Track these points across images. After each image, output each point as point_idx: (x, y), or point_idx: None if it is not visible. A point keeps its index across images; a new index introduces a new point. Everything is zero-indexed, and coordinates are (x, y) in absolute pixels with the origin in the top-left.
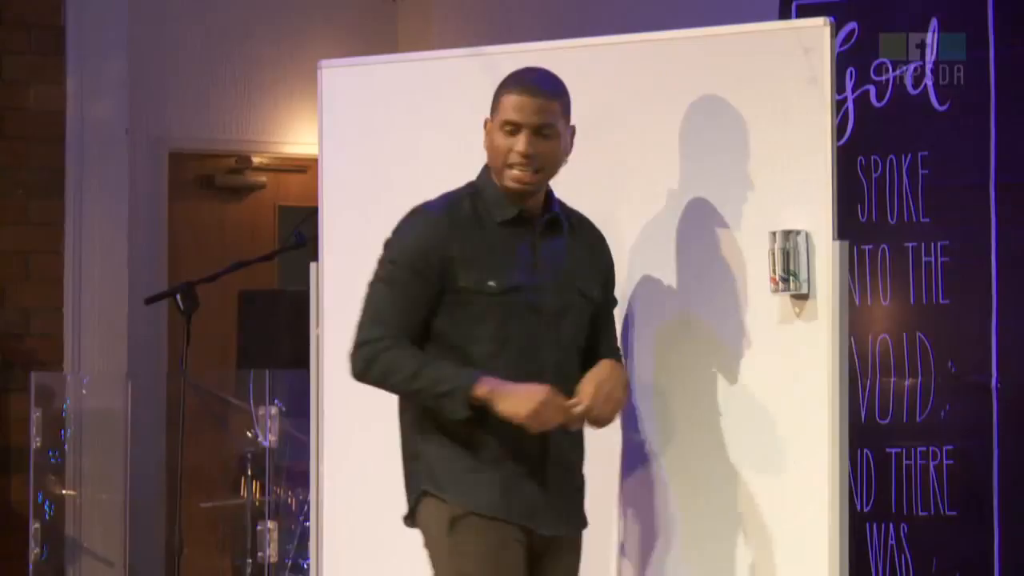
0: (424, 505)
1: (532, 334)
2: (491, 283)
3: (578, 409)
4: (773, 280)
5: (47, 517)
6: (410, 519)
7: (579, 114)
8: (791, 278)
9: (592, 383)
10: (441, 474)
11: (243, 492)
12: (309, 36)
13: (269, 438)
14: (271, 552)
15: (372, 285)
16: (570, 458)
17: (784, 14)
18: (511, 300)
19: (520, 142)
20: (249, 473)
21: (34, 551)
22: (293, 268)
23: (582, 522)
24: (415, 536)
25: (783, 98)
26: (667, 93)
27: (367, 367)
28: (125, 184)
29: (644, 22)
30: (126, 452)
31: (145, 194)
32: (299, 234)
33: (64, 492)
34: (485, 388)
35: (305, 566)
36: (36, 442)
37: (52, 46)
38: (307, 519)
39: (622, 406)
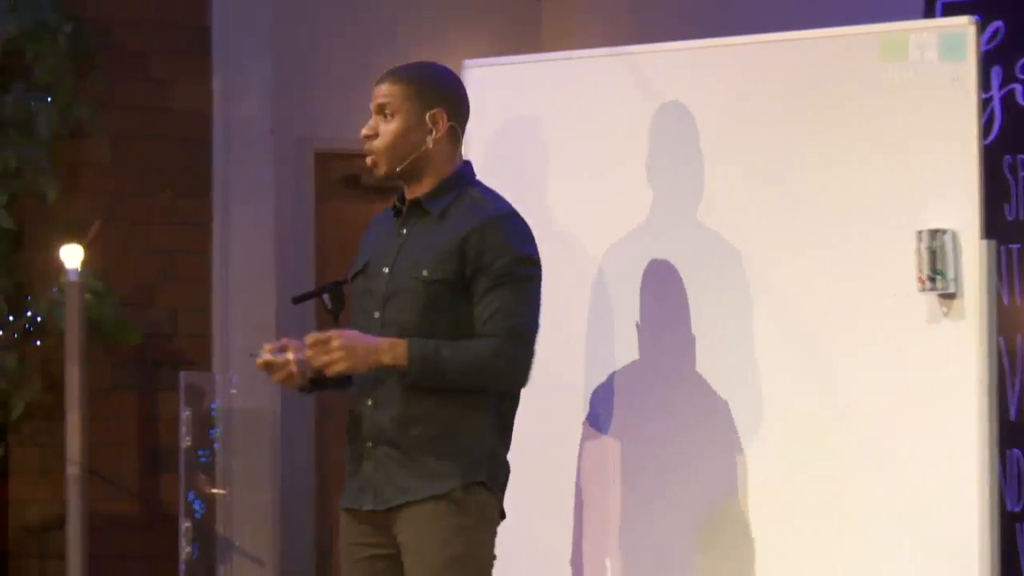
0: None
1: (364, 318)
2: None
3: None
4: (920, 280)
5: (197, 516)
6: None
7: (718, 113)
8: (938, 277)
9: (332, 334)
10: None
11: None
12: (453, 36)
13: None
14: None
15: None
16: None
17: (929, 13)
18: (356, 287)
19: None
20: None
21: (185, 550)
22: None
23: None
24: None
25: (928, 97)
26: (807, 92)
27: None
28: (271, 184)
29: (786, 20)
30: (276, 451)
31: (291, 194)
32: None
33: (214, 491)
34: None
35: None
36: (186, 441)
37: (197, 46)
38: None
39: (336, 366)
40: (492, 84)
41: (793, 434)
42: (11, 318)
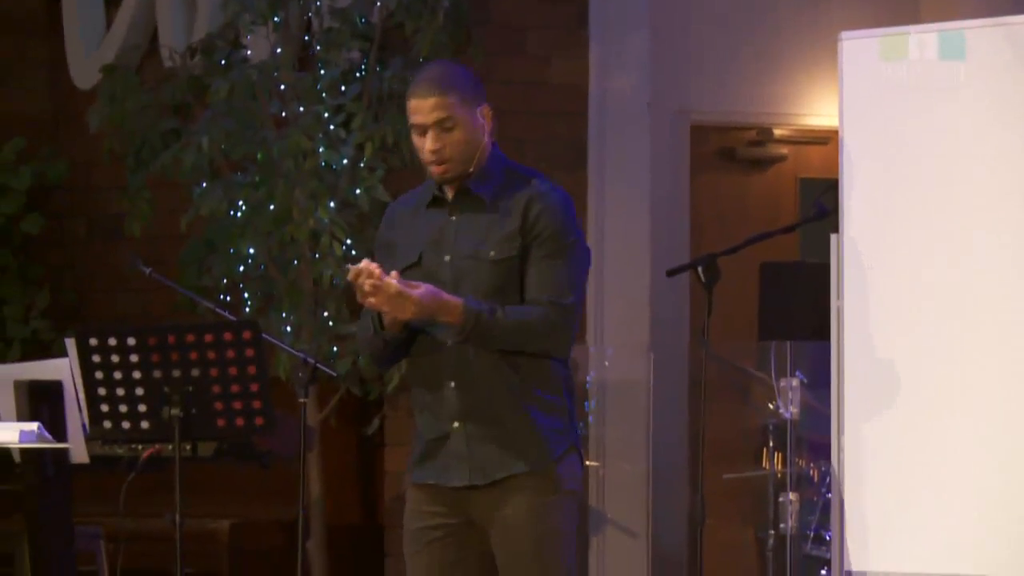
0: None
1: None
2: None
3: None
4: None
5: None
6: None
7: None
8: None
9: (418, 289)
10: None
11: (765, 464)
12: (831, 5)
13: (791, 409)
14: (792, 524)
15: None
16: None
17: None
18: (411, 278)
19: (427, 141)
20: (771, 444)
21: None
22: (815, 240)
23: None
24: (936, 510)
25: None
26: None
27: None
28: (647, 157)
29: None
30: (648, 423)
31: (666, 167)
32: (820, 205)
33: (588, 463)
34: None
35: (828, 537)
36: None
37: (575, 20)
38: (829, 491)
39: (400, 315)
40: (869, 56)
41: None
42: None
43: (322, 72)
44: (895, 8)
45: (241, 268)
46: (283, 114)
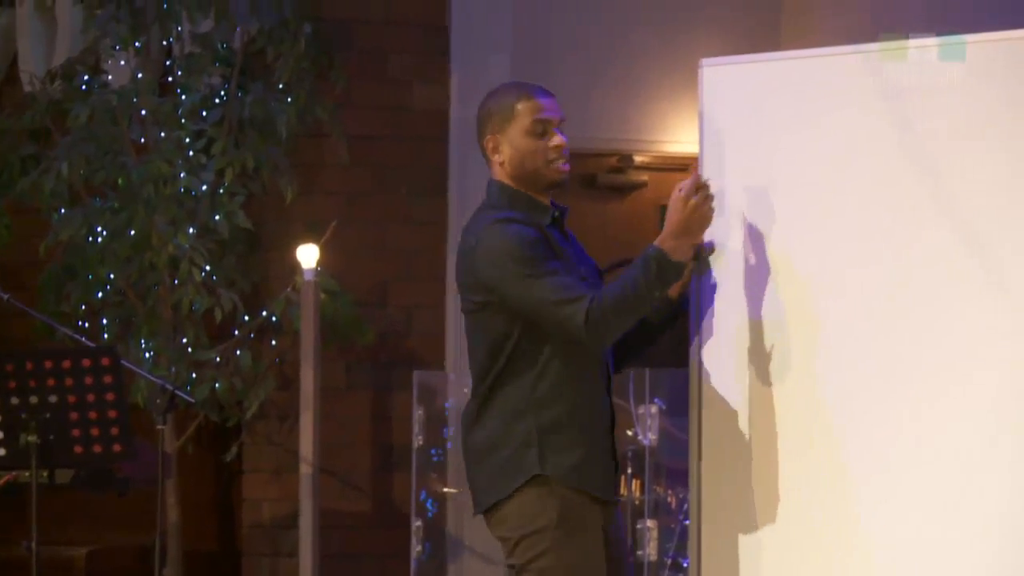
0: (527, 492)
1: None
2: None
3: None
4: None
5: (429, 515)
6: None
7: (964, 111)
8: None
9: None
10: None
11: (623, 490)
12: (691, 33)
13: (649, 436)
14: (650, 550)
15: (529, 283)
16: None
17: None
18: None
19: (557, 137)
20: (629, 471)
21: (416, 548)
22: None
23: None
24: (798, 535)
25: None
26: None
27: (601, 318)
28: None
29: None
30: None
31: None
32: None
33: (446, 490)
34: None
35: (685, 565)
36: (418, 440)
37: (437, 45)
38: (687, 518)
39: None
40: (729, 83)
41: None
42: (246, 318)
43: (183, 97)
44: (756, 36)
45: (100, 294)
46: (143, 140)
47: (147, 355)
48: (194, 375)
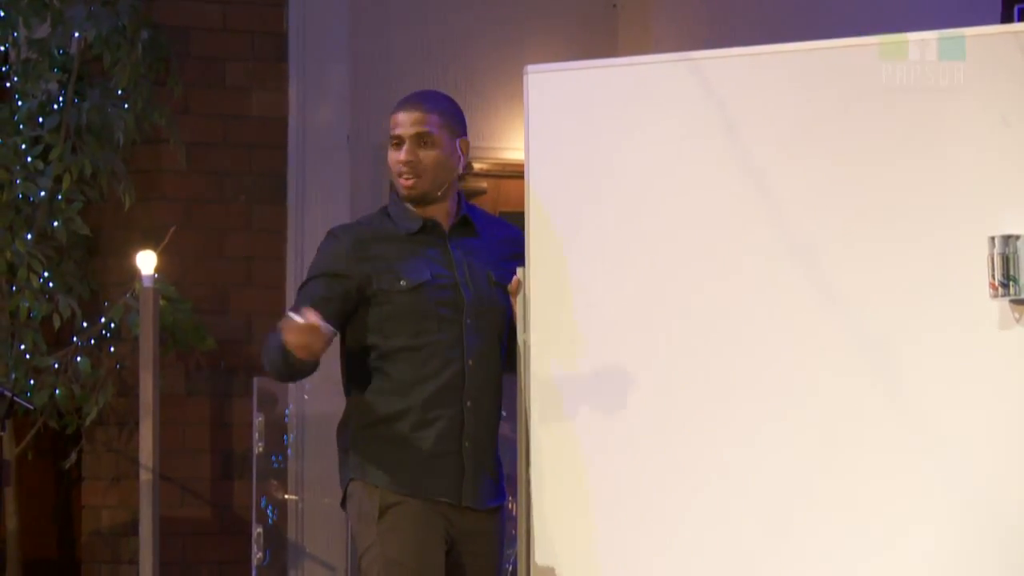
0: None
1: (448, 326)
2: (402, 282)
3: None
4: (992, 286)
5: (270, 522)
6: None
7: (789, 119)
8: (1011, 283)
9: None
10: (368, 459)
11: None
12: (528, 43)
13: None
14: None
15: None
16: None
17: (1007, 18)
18: (422, 296)
19: (402, 152)
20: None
21: (256, 555)
22: None
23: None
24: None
25: (1003, 102)
26: (882, 98)
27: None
28: (347, 190)
29: (864, 26)
30: None
31: (367, 200)
32: None
33: (286, 497)
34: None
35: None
36: (259, 447)
37: (275, 53)
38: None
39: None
40: (555, 90)
41: (863, 442)
42: (85, 324)
43: (19, 103)
44: (592, 44)
45: None
46: None
47: None
48: (32, 381)
